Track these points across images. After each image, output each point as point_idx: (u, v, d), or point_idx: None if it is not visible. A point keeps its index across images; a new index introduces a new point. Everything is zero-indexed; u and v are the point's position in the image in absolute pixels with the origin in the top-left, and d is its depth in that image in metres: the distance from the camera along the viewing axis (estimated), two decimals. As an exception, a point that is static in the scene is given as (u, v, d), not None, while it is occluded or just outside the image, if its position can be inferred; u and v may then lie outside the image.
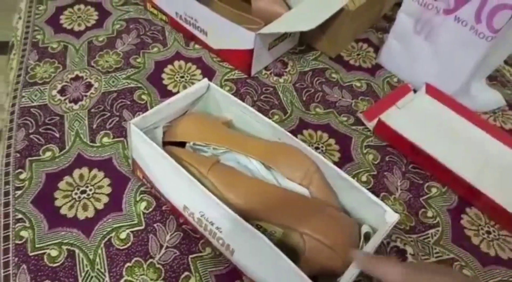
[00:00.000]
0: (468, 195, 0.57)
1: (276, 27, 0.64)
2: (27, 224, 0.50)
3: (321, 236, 0.42)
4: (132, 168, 0.55)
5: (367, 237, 0.44)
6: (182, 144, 0.53)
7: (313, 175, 0.47)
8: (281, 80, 0.72)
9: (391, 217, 0.43)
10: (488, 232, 0.55)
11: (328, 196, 0.47)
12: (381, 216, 0.44)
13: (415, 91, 0.71)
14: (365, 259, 0.38)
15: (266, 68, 0.73)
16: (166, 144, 0.53)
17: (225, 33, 0.69)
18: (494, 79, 0.77)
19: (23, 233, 0.49)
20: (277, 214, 0.44)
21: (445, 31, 0.64)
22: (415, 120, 0.66)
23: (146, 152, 0.49)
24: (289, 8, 0.73)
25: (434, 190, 0.59)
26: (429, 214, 0.56)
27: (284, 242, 0.44)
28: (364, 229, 0.45)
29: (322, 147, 0.63)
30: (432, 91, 0.69)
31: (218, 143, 0.51)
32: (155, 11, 0.79)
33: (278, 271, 0.40)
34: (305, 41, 0.79)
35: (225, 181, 0.46)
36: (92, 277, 0.47)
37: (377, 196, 0.57)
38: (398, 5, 0.70)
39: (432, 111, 0.68)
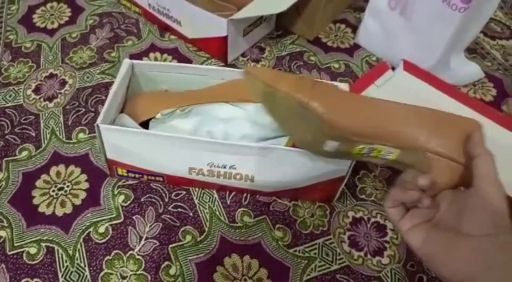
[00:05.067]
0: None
1: (247, 12, 0.63)
2: (5, 224, 0.50)
3: (454, 154, 0.37)
4: (110, 171, 0.54)
5: None
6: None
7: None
8: (259, 66, 0.71)
9: None
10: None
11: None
12: None
13: (393, 68, 0.70)
14: None
15: (242, 55, 0.73)
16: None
17: (198, 22, 0.68)
18: (474, 51, 0.76)
19: (1, 233, 0.49)
20: (394, 134, 0.39)
21: (419, 5, 0.63)
22: (395, 98, 0.65)
23: (129, 142, 0.48)
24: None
25: (414, 166, 0.58)
26: (410, 189, 0.56)
27: (399, 162, 0.40)
28: None
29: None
30: (410, 67, 0.68)
31: (181, 104, 0.52)
32: (128, 4, 0.78)
33: (305, 167, 0.47)
34: (282, 26, 0.78)
35: (329, 103, 0.40)
36: (72, 272, 0.46)
37: (357, 173, 0.57)
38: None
39: (411, 88, 0.67)
